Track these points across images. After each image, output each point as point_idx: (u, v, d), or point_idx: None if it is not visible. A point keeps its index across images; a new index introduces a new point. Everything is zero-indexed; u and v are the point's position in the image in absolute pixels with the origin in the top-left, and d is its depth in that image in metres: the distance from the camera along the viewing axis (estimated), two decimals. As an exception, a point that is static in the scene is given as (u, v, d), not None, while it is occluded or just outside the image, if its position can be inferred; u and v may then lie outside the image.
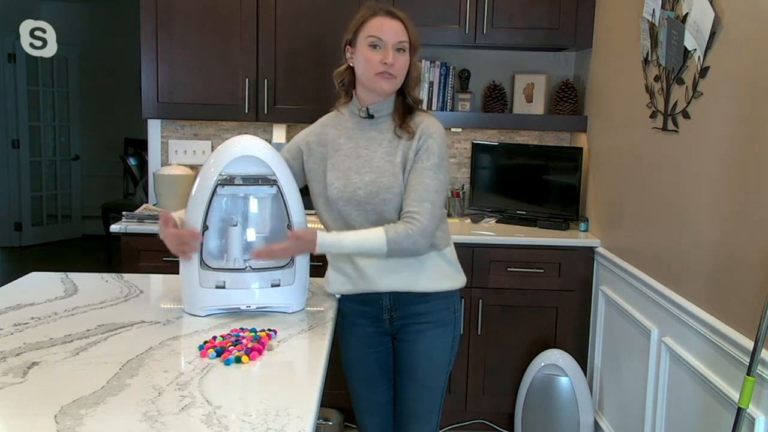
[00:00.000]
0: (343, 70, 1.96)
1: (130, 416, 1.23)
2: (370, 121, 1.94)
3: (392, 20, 1.87)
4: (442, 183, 1.89)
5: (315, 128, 2.04)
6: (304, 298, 1.92)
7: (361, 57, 1.87)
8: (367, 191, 1.87)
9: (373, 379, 2.09)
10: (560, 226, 3.27)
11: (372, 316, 2.01)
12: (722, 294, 2.03)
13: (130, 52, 5.82)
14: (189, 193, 1.82)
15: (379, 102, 1.92)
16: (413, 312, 1.97)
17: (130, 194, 6.98)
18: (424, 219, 1.82)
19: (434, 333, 1.98)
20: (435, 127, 1.91)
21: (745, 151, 1.93)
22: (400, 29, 1.87)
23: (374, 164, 1.89)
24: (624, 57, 2.84)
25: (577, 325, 3.18)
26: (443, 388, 2.04)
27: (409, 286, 1.93)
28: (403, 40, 1.87)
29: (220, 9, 3.21)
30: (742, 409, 1.75)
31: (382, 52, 1.85)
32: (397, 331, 2.01)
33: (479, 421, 3.27)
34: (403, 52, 1.87)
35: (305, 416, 1.25)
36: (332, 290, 2.02)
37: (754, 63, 1.89)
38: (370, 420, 2.13)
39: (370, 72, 1.86)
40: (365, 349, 2.06)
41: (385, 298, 1.97)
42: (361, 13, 1.91)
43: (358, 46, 1.89)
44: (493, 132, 3.63)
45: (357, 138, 1.94)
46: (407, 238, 1.81)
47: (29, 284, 2.08)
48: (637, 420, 2.59)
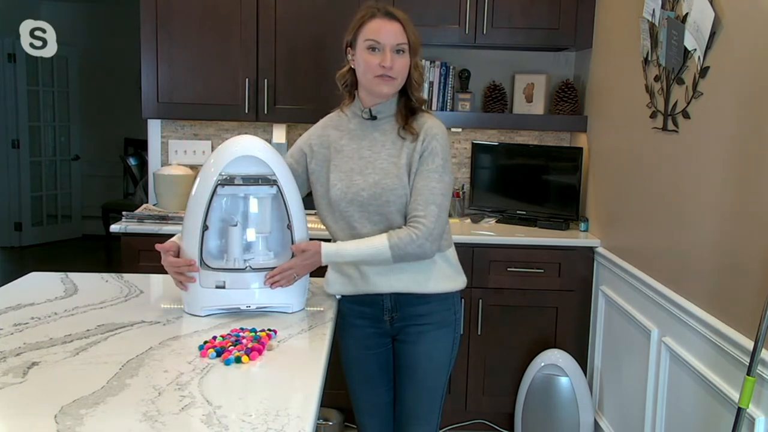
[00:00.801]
0: (345, 72, 1.96)
1: (130, 416, 1.23)
2: (373, 122, 1.94)
3: (391, 22, 1.86)
4: (447, 185, 1.89)
5: (316, 130, 2.03)
6: (304, 298, 1.92)
7: (361, 60, 1.87)
8: (370, 193, 1.87)
9: (372, 379, 2.09)
10: (560, 226, 3.27)
11: (372, 317, 2.01)
12: (722, 294, 2.03)
13: (130, 52, 5.83)
14: (189, 193, 1.82)
15: (382, 103, 1.92)
16: (414, 313, 1.96)
17: (130, 194, 6.98)
18: (429, 223, 1.82)
19: (435, 334, 1.97)
20: (438, 128, 1.91)
21: (745, 151, 1.93)
22: (399, 31, 1.85)
23: (378, 166, 1.89)
24: (624, 57, 2.84)
25: (577, 325, 3.18)
26: (443, 389, 2.03)
27: (410, 288, 1.93)
28: (401, 41, 1.85)
29: (220, 9, 3.22)
30: (742, 409, 1.75)
31: (380, 54, 1.84)
32: (398, 332, 2.01)
33: (479, 421, 3.27)
34: (402, 53, 1.86)
35: (305, 416, 1.25)
36: (333, 291, 2.02)
37: (754, 63, 1.89)
38: (369, 420, 2.13)
39: (369, 75, 1.86)
40: (365, 350, 2.06)
41: (386, 300, 1.96)
42: (360, 15, 1.90)
43: (357, 48, 1.88)
44: (493, 132, 3.63)
45: (360, 139, 1.94)
46: (411, 242, 1.81)
47: (29, 284, 2.08)
48: (637, 420, 2.59)
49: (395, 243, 1.81)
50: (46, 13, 6.95)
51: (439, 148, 1.87)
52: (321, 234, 2.07)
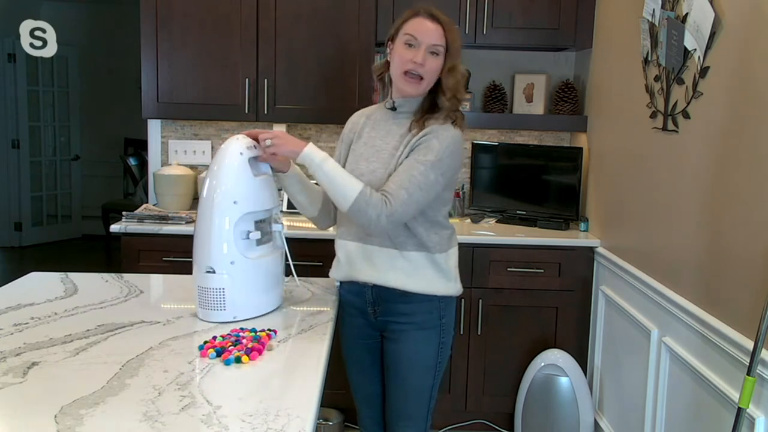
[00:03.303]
0: (380, 65, 2.01)
1: (130, 416, 1.23)
2: (393, 113, 1.98)
3: (432, 22, 1.90)
4: (431, 184, 1.84)
5: (354, 116, 2.11)
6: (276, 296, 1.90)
7: (396, 53, 1.92)
8: (367, 179, 1.89)
9: (366, 368, 2.12)
10: (560, 226, 3.27)
11: (360, 307, 2.04)
12: (722, 294, 2.03)
13: (130, 52, 5.82)
14: (189, 193, 1.82)
15: (407, 98, 1.95)
16: (396, 311, 1.98)
17: (130, 194, 6.98)
18: (396, 203, 1.80)
19: (416, 335, 1.98)
20: (447, 132, 1.90)
21: (744, 150, 1.93)
22: (438, 32, 1.89)
23: (382, 155, 1.93)
24: (624, 57, 2.84)
25: (577, 325, 3.18)
26: (431, 390, 2.02)
27: (389, 282, 1.94)
28: (438, 43, 1.88)
29: (220, 9, 3.22)
30: (742, 409, 1.75)
31: (414, 50, 1.88)
32: (383, 328, 2.03)
33: (479, 421, 3.27)
34: (437, 55, 1.89)
35: (305, 416, 1.25)
36: (331, 275, 2.07)
37: (754, 63, 1.89)
38: (365, 408, 2.17)
39: (399, 69, 1.90)
40: (358, 339, 2.10)
41: (368, 291, 1.99)
42: (407, 13, 1.94)
43: (396, 42, 1.93)
44: (493, 132, 3.63)
45: (378, 129, 2.00)
46: (375, 207, 1.79)
47: (29, 284, 2.08)
48: (637, 420, 2.59)
49: (365, 196, 1.78)
50: (46, 13, 6.95)
51: (436, 146, 1.86)
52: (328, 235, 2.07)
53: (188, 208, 3.29)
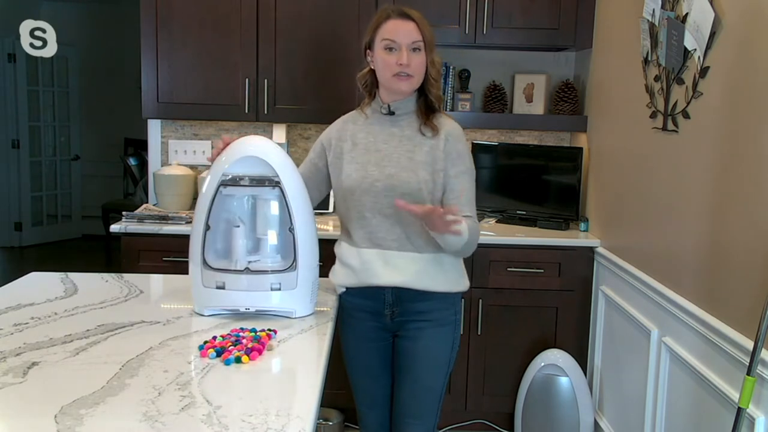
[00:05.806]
0: (365, 73, 2.03)
1: (130, 416, 1.23)
2: (391, 117, 2.00)
3: (405, 21, 1.92)
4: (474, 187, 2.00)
5: (336, 125, 2.09)
6: (312, 303, 1.87)
7: (379, 60, 1.94)
8: (385, 184, 1.92)
9: (373, 371, 2.11)
10: (560, 226, 3.27)
11: (374, 311, 2.03)
12: (722, 294, 2.03)
13: (130, 52, 5.82)
14: (189, 193, 1.82)
15: (400, 100, 1.98)
16: (414, 309, 1.99)
17: (130, 194, 6.98)
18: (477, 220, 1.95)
19: (434, 332, 2.00)
20: (459, 131, 2.00)
21: (744, 150, 1.93)
22: (414, 29, 1.92)
23: (394, 159, 1.95)
24: (624, 57, 2.84)
25: (577, 325, 3.18)
26: (442, 389, 2.04)
27: (411, 283, 1.96)
28: (417, 39, 1.92)
29: (220, 9, 3.22)
30: (742, 409, 1.75)
31: (397, 54, 1.90)
32: (398, 328, 2.03)
33: (479, 421, 3.27)
34: (418, 51, 1.92)
35: (305, 416, 1.25)
36: (337, 282, 2.06)
37: (754, 63, 1.89)
38: (369, 412, 2.16)
39: (387, 74, 1.93)
40: (366, 342, 2.09)
41: (388, 293, 1.99)
42: (376, 17, 1.97)
43: (375, 49, 1.95)
44: (493, 132, 3.63)
45: (376, 133, 2.00)
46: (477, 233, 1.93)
47: (29, 284, 2.08)
48: (637, 420, 2.59)
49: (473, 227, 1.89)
50: (46, 13, 6.96)
51: (464, 151, 1.98)
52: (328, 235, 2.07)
53: (188, 208, 3.29)
